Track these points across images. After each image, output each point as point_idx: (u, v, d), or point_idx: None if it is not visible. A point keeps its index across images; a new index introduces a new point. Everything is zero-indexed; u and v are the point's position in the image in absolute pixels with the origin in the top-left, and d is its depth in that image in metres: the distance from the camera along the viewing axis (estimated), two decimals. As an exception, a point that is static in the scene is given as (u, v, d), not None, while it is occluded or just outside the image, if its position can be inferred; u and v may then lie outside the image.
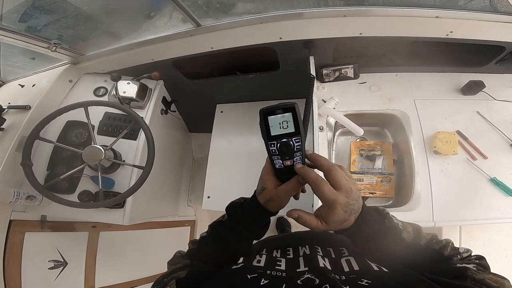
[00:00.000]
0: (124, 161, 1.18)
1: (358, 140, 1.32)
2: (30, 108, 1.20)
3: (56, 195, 1.01)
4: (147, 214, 1.40)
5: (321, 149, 1.10)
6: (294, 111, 0.40)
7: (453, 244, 0.45)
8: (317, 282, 0.37)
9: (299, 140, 0.42)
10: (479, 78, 1.17)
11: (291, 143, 0.41)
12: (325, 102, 1.18)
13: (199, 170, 2.21)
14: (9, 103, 1.24)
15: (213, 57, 1.28)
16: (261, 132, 0.42)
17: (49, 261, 1.24)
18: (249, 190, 0.53)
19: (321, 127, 1.15)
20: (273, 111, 0.40)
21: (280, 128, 0.41)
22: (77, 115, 1.11)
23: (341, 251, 0.50)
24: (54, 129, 1.22)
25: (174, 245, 1.85)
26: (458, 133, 1.12)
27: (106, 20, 1.24)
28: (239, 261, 0.53)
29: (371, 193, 1.22)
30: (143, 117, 1.14)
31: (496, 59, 1.16)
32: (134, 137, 1.24)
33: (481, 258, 0.42)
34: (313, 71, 1.14)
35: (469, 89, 1.18)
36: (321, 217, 0.42)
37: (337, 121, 1.16)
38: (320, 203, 0.42)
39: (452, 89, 1.23)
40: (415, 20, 1.04)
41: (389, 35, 1.10)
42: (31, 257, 1.16)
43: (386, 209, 0.48)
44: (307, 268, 0.43)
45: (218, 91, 1.66)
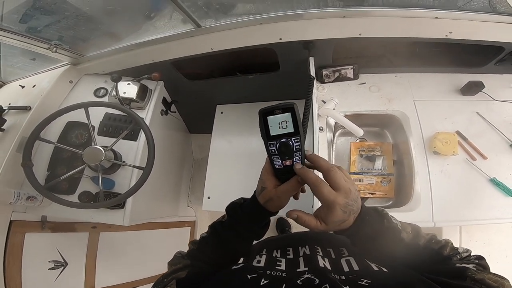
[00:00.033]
0: (124, 161, 1.18)
1: (358, 140, 1.32)
2: (30, 108, 1.20)
3: (56, 195, 1.01)
4: (147, 214, 1.40)
5: (321, 150, 1.10)
6: (293, 111, 0.40)
7: (452, 244, 0.45)
8: (317, 282, 0.37)
9: (298, 140, 0.42)
10: (478, 78, 1.18)
11: (291, 143, 0.42)
12: (325, 102, 1.19)
13: (199, 171, 2.21)
14: (10, 104, 1.24)
15: (213, 58, 1.28)
16: (261, 132, 0.42)
17: (49, 262, 1.24)
18: (249, 190, 0.53)
19: (321, 128, 1.16)
20: (273, 111, 0.40)
21: (279, 128, 0.41)
22: (78, 115, 1.11)
23: (341, 251, 0.50)
24: (54, 130, 1.22)
25: (174, 246, 1.85)
26: (457, 133, 1.12)
27: (106, 21, 1.24)
28: (239, 262, 0.53)
29: (371, 194, 1.22)
30: (143, 118, 1.14)
31: (495, 59, 1.17)
32: (134, 138, 1.24)
33: (481, 258, 0.42)
34: (313, 72, 1.14)
35: (468, 90, 1.19)
36: (320, 217, 0.43)
37: (337, 122, 1.16)
38: (319, 203, 0.42)
39: (451, 89, 1.23)
40: (414, 20, 1.04)
41: (388, 36, 1.11)
42: (31, 257, 1.16)
43: (385, 209, 0.48)
44: (307, 268, 0.43)
45: (218, 92, 1.66)
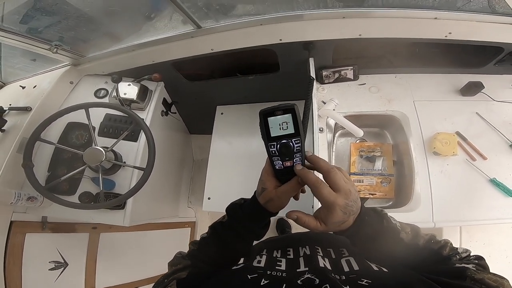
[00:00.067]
0: (124, 162, 1.18)
1: (358, 141, 1.32)
2: (31, 109, 1.20)
3: (57, 196, 1.01)
4: (148, 215, 1.40)
5: (321, 151, 1.10)
6: (294, 112, 0.40)
7: (452, 244, 0.45)
8: (317, 282, 0.37)
9: (299, 141, 0.42)
10: (478, 79, 1.18)
11: (291, 144, 0.42)
12: (325, 103, 1.19)
13: (199, 171, 2.21)
14: (10, 105, 1.24)
15: (213, 58, 1.28)
16: (261, 133, 0.42)
17: (49, 262, 1.24)
18: (249, 191, 0.53)
19: (321, 129, 1.16)
20: (273, 112, 0.40)
21: (280, 129, 0.41)
22: (78, 116, 1.11)
23: (341, 251, 0.50)
24: (55, 131, 1.22)
25: (174, 246, 1.84)
26: (457, 134, 1.12)
27: (106, 21, 1.25)
28: (240, 262, 0.53)
29: (371, 194, 1.22)
30: (143, 119, 1.14)
31: (494, 60, 1.17)
32: (134, 138, 1.24)
33: (480, 258, 0.42)
34: (312, 73, 1.15)
35: (468, 90, 1.19)
36: (320, 218, 0.43)
37: (337, 123, 1.17)
38: (319, 204, 0.42)
39: (451, 90, 1.23)
40: (414, 21, 1.04)
41: (388, 37, 1.11)
42: (31, 258, 1.16)
43: (384, 210, 0.48)
44: (307, 268, 0.43)
45: (218, 92, 1.66)
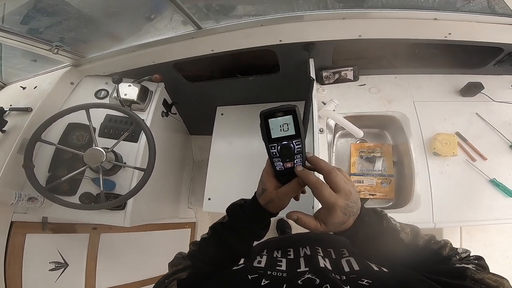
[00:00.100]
0: (125, 163, 1.18)
1: (358, 142, 1.32)
2: (31, 110, 1.21)
3: (57, 196, 1.01)
4: (148, 216, 1.40)
5: (321, 151, 1.10)
6: (294, 113, 0.40)
7: (451, 244, 0.46)
8: (318, 282, 0.37)
9: (299, 142, 0.42)
10: (477, 79, 1.18)
11: (292, 145, 0.42)
12: (325, 104, 1.19)
13: (200, 172, 2.21)
14: (11, 105, 1.24)
15: (214, 59, 1.28)
16: (262, 134, 0.42)
17: (50, 263, 1.24)
18: (249, 192, 0.53)
19: (321, 129, 1.16)
20: (274, 113, 0.40)
21: (280, 130, 0.41)
22: (79, 117, 1.12)
23: (342, 251, 0.50)
24: (55, 131, 1.23)
25: (174, 247, 1.84)
26: (457, 134, 1.12)
27: (107, 22, 1.25)
28: (240, 262, 0.53)
29: (371, 195, 1.22)
30: (144, 120, 1.14)
31: (494, 60, 1.17)
32: (135, 139, 1.24)
33: (480, 258, 0.42)
34: (313, 74, 1.15)
35: (468, 91, 1.19)
36: (320, 219, 0.43)
37: (337, 123, 1.17)
38: (320, 204, 0.42)
39: (451, 90, 1.24)
40: (413, 22, 1.04)
41: (388, 37, 1.11)
42: (32, 258, 1.16)
43: (384, 210, 0.48)
44: (307, 268, 0.43)
45: (218, 93, 1.67)
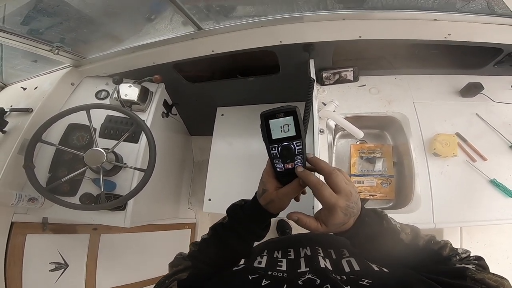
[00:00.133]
0: (125, 163, 1.18)
1: (358, 142, 1.33)
2: (32, 110, 1.21)
3: (58, 197, 1.01)
4: (148, 216, 1.40)
5: (321, 152, 1.10)
6: (295, 114, 0.40)
7: (452, 244, 0.46)
8: (318, 282, 0.37)
9: (300, 143, 0.42)
10: (477, 80, 1.18)
11: (292, 146, 0.42)
12: (325, 105, 1.19)
13: (200, 173, 2.21)
14: (11, 106, 1.24)
15: (214, 60, 1.29)
16: (262, 135, 0.42)
17: (50, 263, 1.24)
18: (249, 192, 0.53)
19: (321, 130, 1.16)
20: (274, 114, 0.40)
21: (281, 131, 0.41)
22: (79, 118, 1.12)
23: (342, 252, 0.50)
24: (56, 132, 1.23)
25: (175, 248, 1.84)
26: (457, 135, 1.12)
27: (107, 23, 1.25)
28: (240, 263, 0.53)
29: (372, 195, 1.22)
30: (144, 120, 1.14)
31: (494, 61, 1.17)
32: (135, 140, 1.24)
33: (480, 258, 0.42)
34: (313, 74, 1.15)
35: (468, 91, 1.19)
36: (321, 219, 0.43)
37: (337, 124, 1.17)
38: (320, 205, 0.42)
39: (451, 91, 1.24)
40: (413, 23, 1.05)
41: (388, 38, 1.11)
42: (32, 259, 1.16)
43: (384, 211, 0.48)
44: (308, 268, 0.43)
45: (218, 94, 1.67)
